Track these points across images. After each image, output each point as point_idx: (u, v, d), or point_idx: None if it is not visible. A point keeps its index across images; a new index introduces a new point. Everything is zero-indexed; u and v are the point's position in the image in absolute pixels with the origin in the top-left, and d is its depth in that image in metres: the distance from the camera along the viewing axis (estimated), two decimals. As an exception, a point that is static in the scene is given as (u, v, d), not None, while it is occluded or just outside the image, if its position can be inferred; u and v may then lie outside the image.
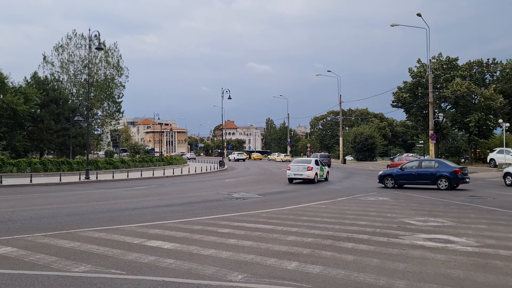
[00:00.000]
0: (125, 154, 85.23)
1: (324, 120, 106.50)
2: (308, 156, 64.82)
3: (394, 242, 8.33)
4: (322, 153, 61.08)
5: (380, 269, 6.38)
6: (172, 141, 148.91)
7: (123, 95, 54.87)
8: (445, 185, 20.30)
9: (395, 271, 6.31)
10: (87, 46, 39.25)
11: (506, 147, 41.17)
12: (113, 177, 29.16)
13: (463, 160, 54.68)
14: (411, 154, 77.13)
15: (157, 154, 71.51)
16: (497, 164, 38.73)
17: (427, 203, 14.89)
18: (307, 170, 24.72)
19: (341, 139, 65.06)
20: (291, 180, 25.39)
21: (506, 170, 23.58)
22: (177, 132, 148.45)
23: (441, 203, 15.07)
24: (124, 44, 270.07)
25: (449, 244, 8.18)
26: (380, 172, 23.07)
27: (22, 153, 40.24)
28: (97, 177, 28.48)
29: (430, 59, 42.84)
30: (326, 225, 10.27)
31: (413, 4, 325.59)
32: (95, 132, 56.77)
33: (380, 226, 10.22)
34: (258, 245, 8.02)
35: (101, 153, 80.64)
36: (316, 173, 25.14)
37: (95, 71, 51.54)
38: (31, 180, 24.25)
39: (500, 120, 43.41)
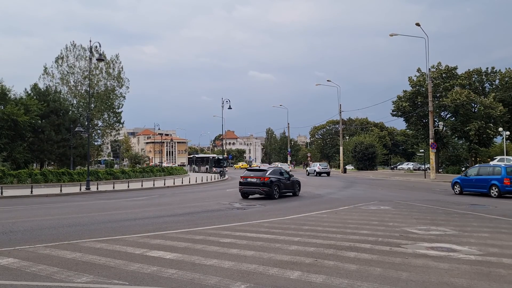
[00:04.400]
0: (124, 164, 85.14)
1: (324, 129, 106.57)
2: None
3: (396, 251, 8.31)
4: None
5: (383, 278, 6.36)
6: (172, 152, 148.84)
7: (123, 105, 55.15)
8: None
9: (398, 280, 6.29)
10: (88, 58, 39.48)
11: (506, 155, 41.15)
12: (113, 187, 29.12)
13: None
14: (412, 163, 77.15)
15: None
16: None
17: (429, 212, 14.86)
18: None
19: (341, 148, 65.08)
20: None
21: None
22: (177, 142, 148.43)
23: (443, 211, 15.04)
24: (123, 54, 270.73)
25: (452, 252, 8.16)
26: None
27: (23, 164, 40.24)
28: (97, 188, 28.45)
29: (430, 68, 43.06)
30: (328, 234, 10.25)
31: (413, 13, 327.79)
32: (96, 143, 56.87)
33: (382, 235, 10.19)
34: (261, 255, 8.00)
35: (102, 165, 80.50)
36: None
37: (95, 82, 51.78)
38: (31, 191, 24.22)
39: (500, 129, 43.49)
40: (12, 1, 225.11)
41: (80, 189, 27.18)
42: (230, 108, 51.08)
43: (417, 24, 36.79)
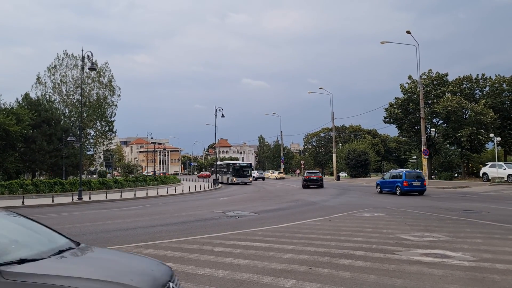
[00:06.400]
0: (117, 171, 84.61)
1: (318, 137, 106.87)
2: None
3: (390, 258, 8.30)
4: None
5: (377, 285, 6.34)
6: (165, 160, 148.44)
7: (115, 114, 54.92)
8: None
9: (393, 287, 6.28)
10: (79, 67, 39.34)
11: (498, 161, 41.46)
12: (106, 197, 28.92)
13: (456, 174, 54.91)
14: (405, 169, 77.51)
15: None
16: (490, 178, 38.95)
17: (422, 218, 14.89)
18: None
19: (334, 155, 65.22)
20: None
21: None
22: (171, 151, 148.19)
23: (436, 218, 15.07)
24: (115, 63, 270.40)
25: (446, 259, 8.17)
26: None
27: (14, 174, 39.87)
28: (90, 198, 28.23)
29: (421, 75, 43.39)
30: (322, 242, 10.22)
31: (404, 20, 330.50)
32: (88, 153, 56.50)
33: (376, 242, 10.18)
34: (255, 264, 7.95)
35: (95, 175, 79.89)
36: None
37: (87, 91, 51.57)
38: (23, 202, 23.98)
39: (492, 135, 43.84)
40: (1, 11, 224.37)
41: (72, 199, 26.97)
42: (223, 116, 51.20)
43: (408, 32, 37.15)
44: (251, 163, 65.86)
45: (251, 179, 55.69)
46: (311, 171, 46.55)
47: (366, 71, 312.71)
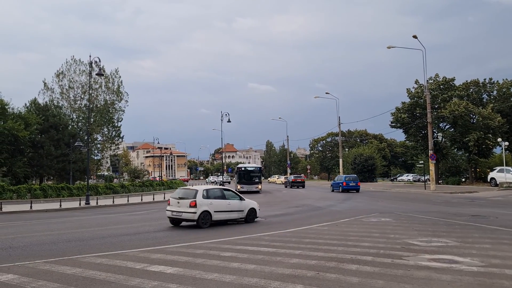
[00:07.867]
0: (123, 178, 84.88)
1: (324, 141, 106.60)
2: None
3: (398, 263, 8.26)
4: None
5: (385, 291, 6.31)
6: (171, 165, 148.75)
7: (122, 119, 55.13)
8: None
9: (401, 292, 6.25)
10: (87, 72, 39.65)
11: (506, 166, 41.14)
12: (113, 202, 29.02)
13: (463, 179, 54.51)
14: (412, 174, 77.12)
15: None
16: (498, 183, 38.64)
17: (430, 224, 14.81)
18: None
19: (341, 160, 65.04)
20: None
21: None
22: (177, 156, 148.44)
23: (444, 223, 14.99)
24: (121, 69, 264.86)
25: (454, 264, 8.12)
26: None
27: (22, 179, 40.15)
28: (97, 203, 28.36)
29: (427, 80, 43.26)
30: (330, 247, 10.20)
31: (411, 24, 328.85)
32: (95, 158, 56.77)
33: (384, 247, 10.15)
34: (262, 268, 7.95)
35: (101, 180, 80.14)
36: None
37: (95, 96, 51.86)
38: (31, 207, 24.13)
39: (499, 139, 43.50)
40: (9, 17, 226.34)
41: (80, 204, 27.10)
42: (229, 121, 51.19)
43: (414, 37, 37.07)
44: (260, 167, 54.93)
45: (260, 186, 44.68)
46: (296, 175, 60.75)
47: (373, 75, 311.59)
